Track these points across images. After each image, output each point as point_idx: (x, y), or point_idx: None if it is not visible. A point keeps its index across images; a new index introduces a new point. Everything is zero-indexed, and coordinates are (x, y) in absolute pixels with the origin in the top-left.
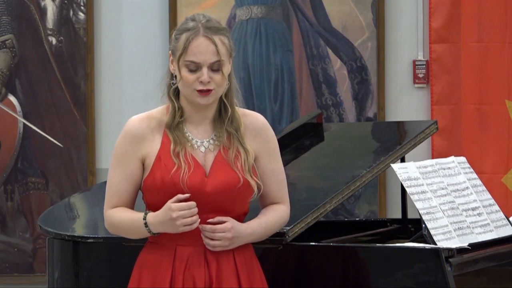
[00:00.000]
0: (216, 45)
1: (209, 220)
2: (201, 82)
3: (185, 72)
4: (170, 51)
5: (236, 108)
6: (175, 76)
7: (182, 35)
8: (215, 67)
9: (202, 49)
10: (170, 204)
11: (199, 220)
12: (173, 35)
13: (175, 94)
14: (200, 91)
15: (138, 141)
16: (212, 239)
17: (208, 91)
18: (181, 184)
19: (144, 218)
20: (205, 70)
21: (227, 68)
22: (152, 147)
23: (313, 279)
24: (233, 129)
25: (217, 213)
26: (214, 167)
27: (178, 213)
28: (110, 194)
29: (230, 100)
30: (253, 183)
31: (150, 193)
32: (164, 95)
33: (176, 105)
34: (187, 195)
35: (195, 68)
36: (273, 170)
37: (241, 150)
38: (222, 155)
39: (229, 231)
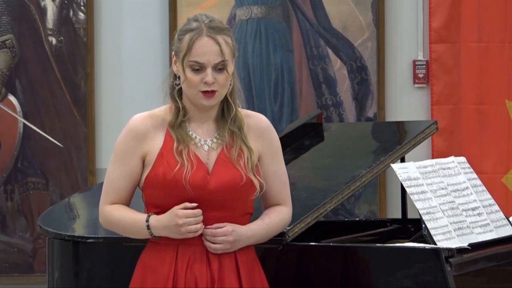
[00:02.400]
0: (220, 45)
1: (208, 227)
2: (205, 83)
3: (189, 73)
4: (173, 52)
5: (239, 108)
6: (179, 77)
7: (186, 36)
8: (220, 68)
9: (206, 49)
10: (177, 210)
11: (203, 227)
12: (176, 36)
13: (178, 94)
14: (204, 93)
15: (140, 138)
16: (213, 243)
17: (213, 92)
18: (183, 182)
19: (147, 221)
20: (209, 70)
21: (231, 68)
22: (154, 144)
23: (313, 279)
24: (236, 128)
25: (220, 211)
26: (216, 165)
27: (184, 220)
28: (108, 190)
29: (233, 100)
30: (255, 181)
31: (151, 189)
32: (166, 95)
33: (180, 105)
34: (194, 204)
35: (199, 68)
36: (276, 171)
37: (244, 148)
38: (225, 154)
39: (230, 234)
